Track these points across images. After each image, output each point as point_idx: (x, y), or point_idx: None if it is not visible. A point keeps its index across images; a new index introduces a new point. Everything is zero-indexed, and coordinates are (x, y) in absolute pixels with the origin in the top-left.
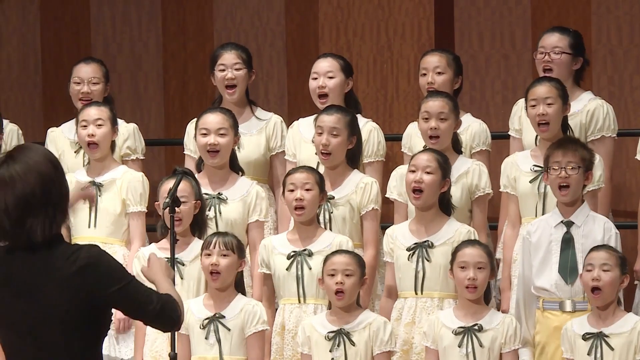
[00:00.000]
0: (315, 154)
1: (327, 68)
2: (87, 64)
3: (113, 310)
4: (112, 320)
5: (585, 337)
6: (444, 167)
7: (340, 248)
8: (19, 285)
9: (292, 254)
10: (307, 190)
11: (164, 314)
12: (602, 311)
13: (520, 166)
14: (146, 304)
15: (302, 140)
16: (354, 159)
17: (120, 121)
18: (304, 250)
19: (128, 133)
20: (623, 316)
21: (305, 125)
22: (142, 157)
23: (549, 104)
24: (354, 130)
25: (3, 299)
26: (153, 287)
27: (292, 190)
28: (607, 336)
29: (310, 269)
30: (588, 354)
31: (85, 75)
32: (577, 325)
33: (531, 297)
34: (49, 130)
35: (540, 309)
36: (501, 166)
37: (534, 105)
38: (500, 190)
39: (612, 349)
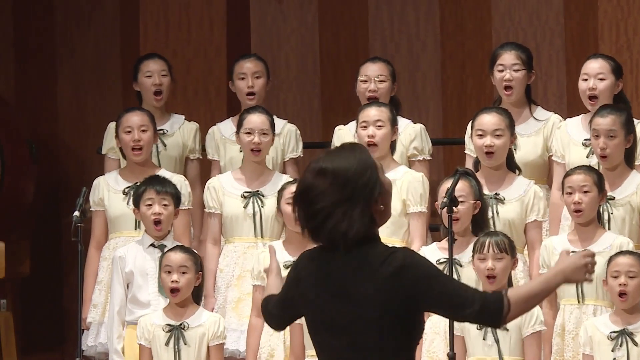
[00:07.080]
0: (587, 156)
1: (597, 70)
2: (373, 63)
3: None
4: (423, 327)
5: None
6: None
7: (621, 249)
8: (336, 285)
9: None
10: (585, 192)
11: (485, 312)
12: None
13: None
14: (464, 306)
15: (570, 142)
16: (630, 158)
17: (407, 121)
18: (583, 250)
19: (415, 133)
20: None
21: (573, 126)
22: (429, 158)
23: None
24: (629, 129)
25: (320, 297)
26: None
27: (570, 194)
28: None
29: None
30: None
31: (372, 74)
32: None
33: None
34: (337, 128)
35: None
36: None
37: None
38: None
39: None
